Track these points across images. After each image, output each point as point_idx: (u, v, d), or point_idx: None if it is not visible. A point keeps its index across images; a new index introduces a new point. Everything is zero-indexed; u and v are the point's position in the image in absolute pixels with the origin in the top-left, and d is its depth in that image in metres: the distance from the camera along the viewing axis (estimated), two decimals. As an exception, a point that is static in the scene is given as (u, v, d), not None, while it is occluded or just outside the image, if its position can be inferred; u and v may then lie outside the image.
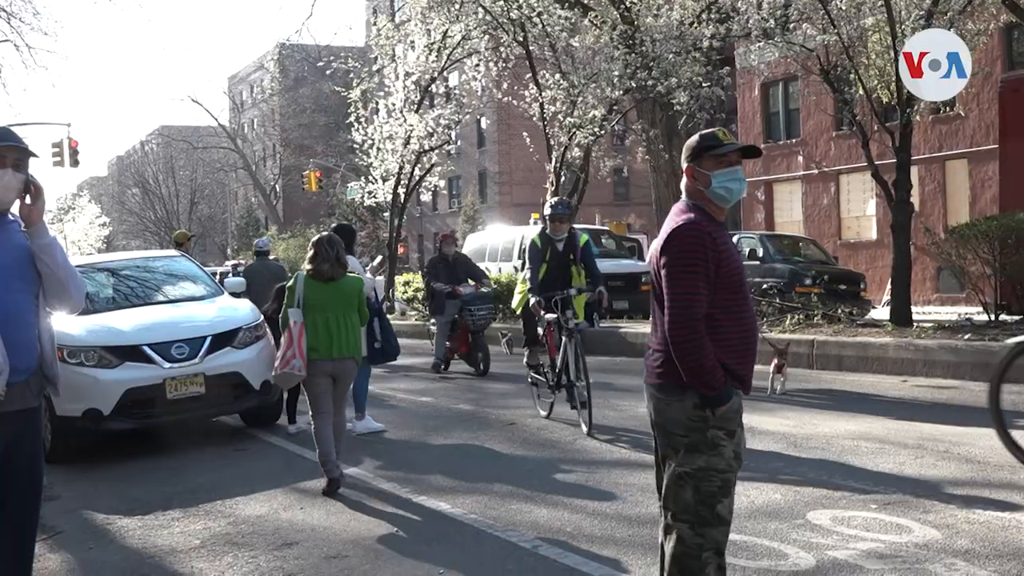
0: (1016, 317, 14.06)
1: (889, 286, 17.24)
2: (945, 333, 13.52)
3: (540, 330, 10.95)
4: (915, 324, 15.39)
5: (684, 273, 3.96)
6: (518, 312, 11.83)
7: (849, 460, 7.84)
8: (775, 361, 11.11)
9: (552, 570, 5.50)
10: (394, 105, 26.92)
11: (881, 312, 18.27)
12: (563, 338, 9.92)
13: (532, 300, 10.34)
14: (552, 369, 10.42)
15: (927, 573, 5.08)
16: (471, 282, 15.10)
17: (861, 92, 17.55)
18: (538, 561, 5.67)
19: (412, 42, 26.77)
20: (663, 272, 3.99)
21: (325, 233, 8.51)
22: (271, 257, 16.33)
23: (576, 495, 7.16)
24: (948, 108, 28.08)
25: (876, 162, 17.24)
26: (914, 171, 20.89)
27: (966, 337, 12.85)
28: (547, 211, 10.74)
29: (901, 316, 15.75)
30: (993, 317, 14.20)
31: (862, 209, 32.31)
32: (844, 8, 17.17)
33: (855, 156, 28.00)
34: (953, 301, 24.29)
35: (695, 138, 4.20)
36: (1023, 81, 15.52)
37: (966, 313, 16.59)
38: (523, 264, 13.22)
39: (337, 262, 8.06)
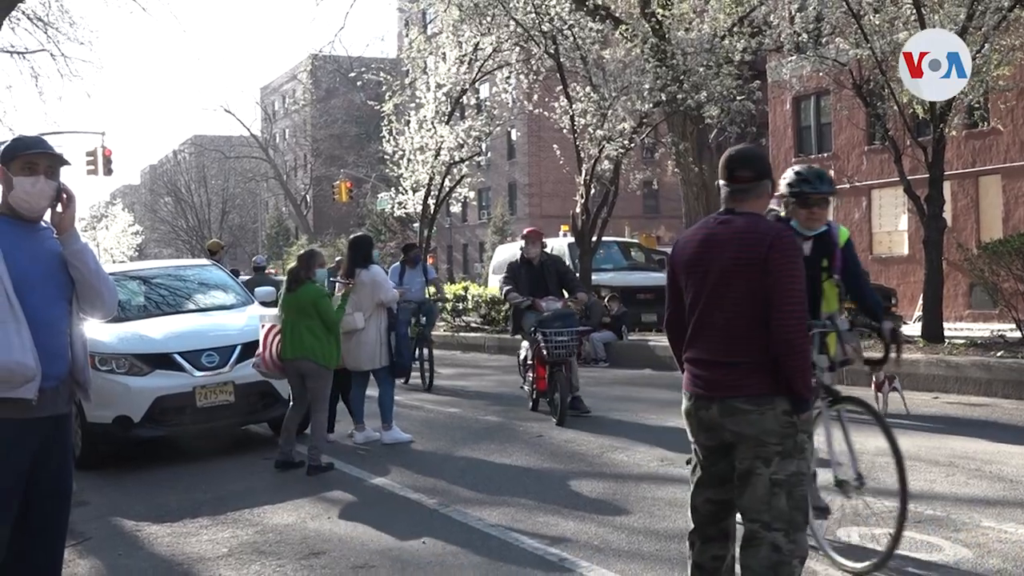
0: (1050, 335, 13.93)
1: (920, 302, 17.12)
2: (977, 350, 13.40)
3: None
4: (947, 340, 15.26)
5: (799, 274, 4.06)
6: None
7: (879, 477, 7.75)
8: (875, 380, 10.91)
9: (578, 583, 5.49)
10: (425, 116, 26.98)
11: (913, 328, 18.13)
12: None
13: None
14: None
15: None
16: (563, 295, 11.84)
17: (894, 107, 17.45)
18: (564, 573, 5.66)
19: (443, 54, 26.82)
20: (784, 273, 3.99)
21: (304, 251, 9.77)
22: (269, 271, 16.71)
23: (603, 508, 7.13)
24: (983, 123, 27.88)
25: (908, 177, 17.12)
26: (947, 186, 20.73)
27: (999, 354, 12.72)
28: (797, 187, 5.74)
29: (933, 332, 15.62)
30: (1026, 334, 14.07)
31: (894, 224, 32.09)
32: (877, 23, 17.09)
33: (887, 171, 27.83)
34: (986, 318, 24.04)
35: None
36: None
37: (999, 330, 16.42)
38: None
39: (295, 276, 9.24)
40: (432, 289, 15.70)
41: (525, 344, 11.95)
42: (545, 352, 11.00)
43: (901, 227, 31.58)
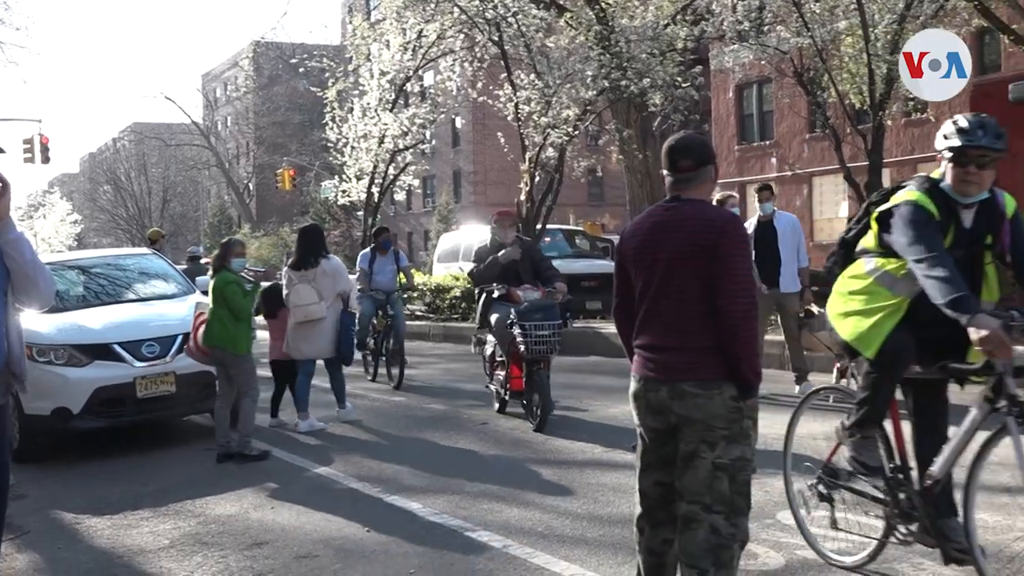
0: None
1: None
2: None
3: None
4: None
5: (747, 261, 4.12)
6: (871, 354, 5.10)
7: (820, 460, 7.86)
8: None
9: (522, 570, 5.50)
10: (369, 104, 26.82)
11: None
12: None
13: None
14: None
15: (895, 572, 5.12)
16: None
17: (834, 95, 17.66)
18: (508, 560, 5.67)
19: (387, 41, 26.66)
20: (731, 260, 4.02)
21: (224, 240, 9.82)
22: (204, 262, 16.51)
23: (547, 495, 7.16)
24: (920, 111, 28.27)
25: (848, 164, 17.36)
26: (886, 173, 21.04)
27: (936, 339, 12.93)
28: (954, 139, 4.97)
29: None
30: (963, 319, 14.30)
31: (834, 211, 32.51)
32: (818, 12, 17.28)
33: (828, 158, 28.14)
34: (923, 303, 24.42)
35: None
36: (994, 85, 15.65)
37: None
38: None
39: (213, 265, 9.40)
40: (403, 277, 14.52)
41: (492, 339, 10.58)
42: (524, 347, 9.66)
43: (842, 214, 31.98)
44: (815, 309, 11.56)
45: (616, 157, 26.08)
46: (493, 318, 10.27)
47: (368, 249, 14.60)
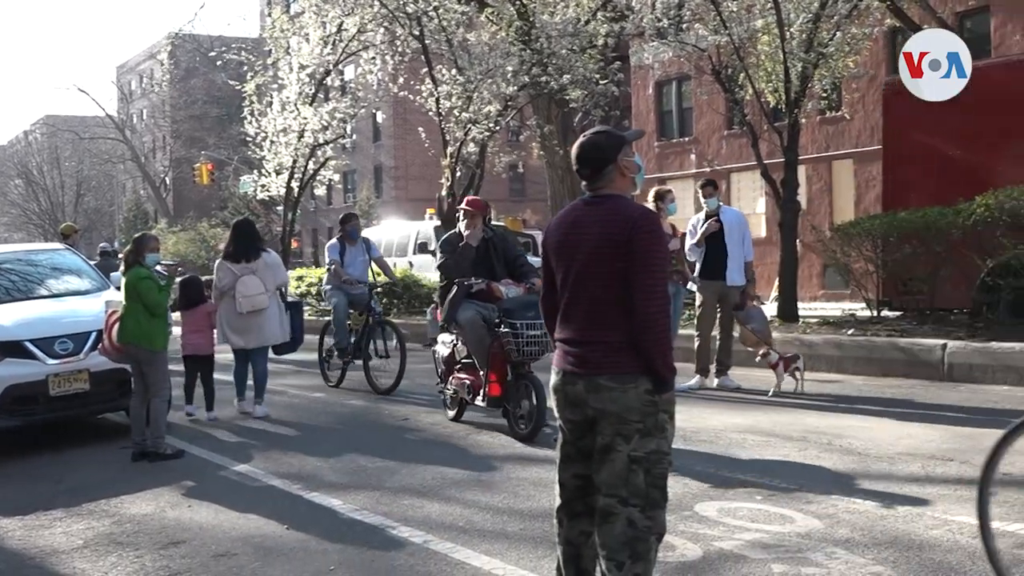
0: (897, 313, 14.51)
1: (777, 283, 17.64)
2: (830, 329, 13.90)
3: None
4: (801, 320, 15.79)
5: (662, 257, 4.16)
6: None
7: (736, 453, 8.01)
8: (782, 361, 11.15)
9: (443, 564, 5.50)
10: (288, 98, 26.58)
11: (770, 308, 18.66)
12: None
13: None
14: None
15: (809, 562, 5.21)
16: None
17: (751, 92, 17.91)
18: (429, 556, 5.66)
19: (307, 34, 26.43)
20: (643, 256, 4.05)
21: (136, 235, 9.54)
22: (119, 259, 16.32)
23: (468, 490, 7.17)
24: (834, 109, 28.78)
25: (765, 161, 17.61)
26: (801, 170, 21.40)
27: (850, 333, 13.22)
28: None
29: (788, 312, 16.14)
30: (875, 313, 14.63)
31: (752, 207, 32.92)
32: (735, 10, 17.50)
33: (745, 155, 28.52)
34: (838, 297, 24.91)
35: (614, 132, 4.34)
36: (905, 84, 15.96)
37: (850, 309, 17.04)
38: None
39: (126, 260, 9.17)
40: (377, 270, 13.27)
41: (447, 338, 9.86)
42: (515, 348, 8.84)
43: (759, 210, 32.42)
44: (753, 303, 11.81)
45: (537, 153, 26.19)
46: (464, 316, 9.18)
47: (335, 239, 13.25)
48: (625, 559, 4.04)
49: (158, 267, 9.43)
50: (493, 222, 10.30)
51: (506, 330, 8.91)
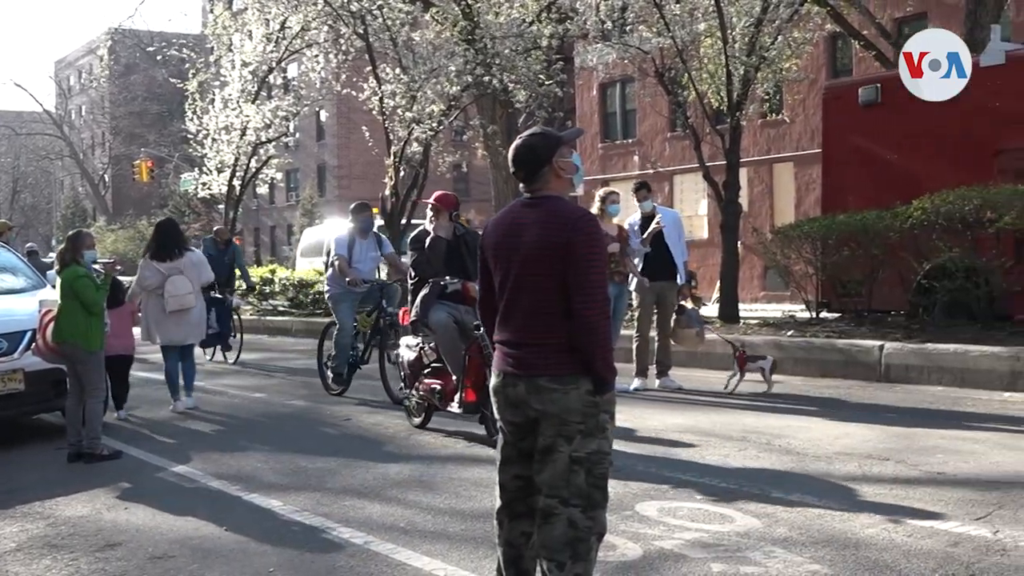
0: (836, 314, 14.70)
1: (719, 284, 17.79)
2: (770, 330, 14.06)
3: None
4: (742, 321, 15.94)
5: (601, 259, 4.17)
6: None
7: (676, 453, 8.06)
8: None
9: (383, 566, 5.48)
10: (230, 95, 26.34)
11: (711, 309, 18.83)
12: None
13: None
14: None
15: (747, 561, 5.26)
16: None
17: (693, 95, 18.05)
18: (369, 557, 5.63)
19: (250, 31, 26.21)
20: (583, 258, 4.05)
21: (71, 232, 9.42)
22: (46, 259, 16.25)
23: (410, 490, 7.14)
24: (775, 113, 29.09)
25: (707, 163, 17.76)
26: (743, 173, 21.59)
27: (789, 334, 13.37)
28: None
29: (729, 313, 16.30)
30: (815, 314, 14.81)
31: (695, 209, 33.19)
32: (678, 13, 17.63)
33: (688, 157, 28.73)
34: (779, 299, 25.19)
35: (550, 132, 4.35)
36: (845, 88, 16.18)
37: (790, 311, 17.24)
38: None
39: (61, 258, 9.00)
40: (383, 269, 12.56)
41: (412, 341, 9.42)
42: (488, 351, 7.88)
43: (701, 211, 32.69)
44: (689, 304, 11.91)
45: (481, 153, 26.19)
46: (436, 318, 8.78)
47: (344, 232, 12.00)
48: (566, 559, 4.05)
49: (95, 265, 9.30)
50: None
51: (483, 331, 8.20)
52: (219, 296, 11.98)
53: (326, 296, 12.10)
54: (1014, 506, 6.07)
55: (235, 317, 16.35)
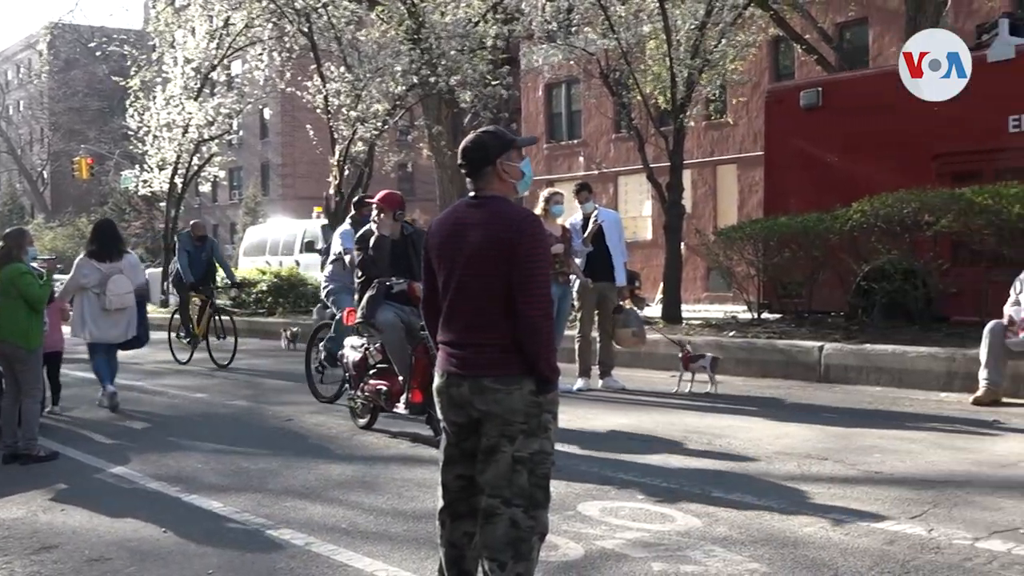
0: (777, 315, 14.86)
1: (662, 284, 17.92)
2: (712, 330, 14.18)
3: None
4: (684, 321, 16.06)
5: (545, 260, 4.17)
6: None
7: (619, 453, 8.10)
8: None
9: (324, 567, 5.44)
10: (172, 92, 26.07)
11: (654, 310, 18.95)
12: None
13: None
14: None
15: (688, 560, 5.30)
16: None
17: (638, 97, 18.16)
18: (310, 559, 5.60)
19: (192, 28, 25.98)
20: (526, 260, 4.05)
21: (12, 230, 9.33)
22: None
23: (352, 491, 7.11)
24: (719, 115, 29.36)
25: (652, 165, 17.89)
26: (687, 175, 21.79)
27: (731, 334, 13.50)
28: None
29: (672, 313, 16.41)
30: (756, 315, 14.96)
31: (639, 210, 33.41)
32: (623, 15, 17.73)
33: (633, 158, 28.93)
34: (721, 300, 25.42)
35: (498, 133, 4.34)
36: (787, 92, 16.37)
37: (732, 311, 17.40)
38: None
39: (4, 256, 8.80)
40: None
41: (358, 342, 9.38)
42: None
43: (645, 212, 32.90)
44: (627, 305, 11.97)
45: (426, 153, 26.15)
46: (383, 318, 8.69)
47: (347, 224, 11.44)
48: (508, 559, 4.05)
49: (33, 263, 9.16)
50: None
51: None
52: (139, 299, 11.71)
53: (324, 293, 11.42)
54: (948, 505, 6.18)
55: (217, 318, 15.59)
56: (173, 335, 16.53)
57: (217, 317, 15.61)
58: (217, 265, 16.28)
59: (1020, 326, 9.87)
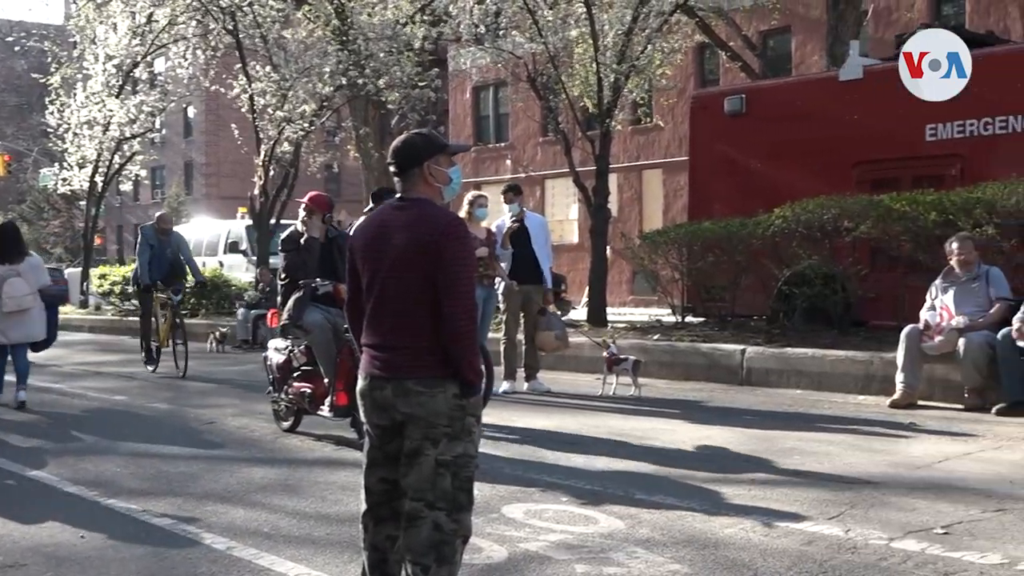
0: (700, 319, 15.02)
1: (587, 288, 18.02)
2: (637, 333, 14.29)
3: None
4: (610, 324, 16.17)
5: (470, 263, 4.18)
6: None
7: (543, 455, 8.13)
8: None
9: (246, 571, 5.39)
10: (93, 89, 25.63)
11: (580, 313, 19.06)
12: None
13: None
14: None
15: (611, 562, 5.34)
16: None
17: (565, 100, 18.25)
18: (232, 563, 5.54)
19: (115, 24, 25.56)
20: (451, 262, 4.04)
21: None
22: None
23: (275, 494, 7.05)
24: (647, 119, 29.60)
25: (578, 168, 17.99)
26: (613, 179, 21.96)
27: (655, 337, 13.62)
28: None
29: (597, 316, 16.52)
30: (680, 319, 15.10)
31: (565, 213, 33.56)
32: (551, 19, 17.81)
33: (560, 162, 29.04)
34: (646, 303, 25.62)
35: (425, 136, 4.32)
36: (711, 97, 16.58)
37: (657, 315, 17.55)
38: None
39: None
40: None
41: (281, 344, 9.32)
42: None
43: (572, 216, 33.06)
44: (551, 309, 12.01)
45: (353, 154, 26.04)
46: (311, 319, 8.70)
47: (364, 218, 11.56)
48: (431, 563, 4.05)
49: None
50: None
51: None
52: (51, 301, 11.53)
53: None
54: (865, 505, 6.30)
55: (178, 320, 14.25)
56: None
57: (178, 321, 14.32)
58: (185, 263, 15.01)
59: (935, 330, 10.10)
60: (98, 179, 26.80)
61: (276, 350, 9.34)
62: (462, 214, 10.50)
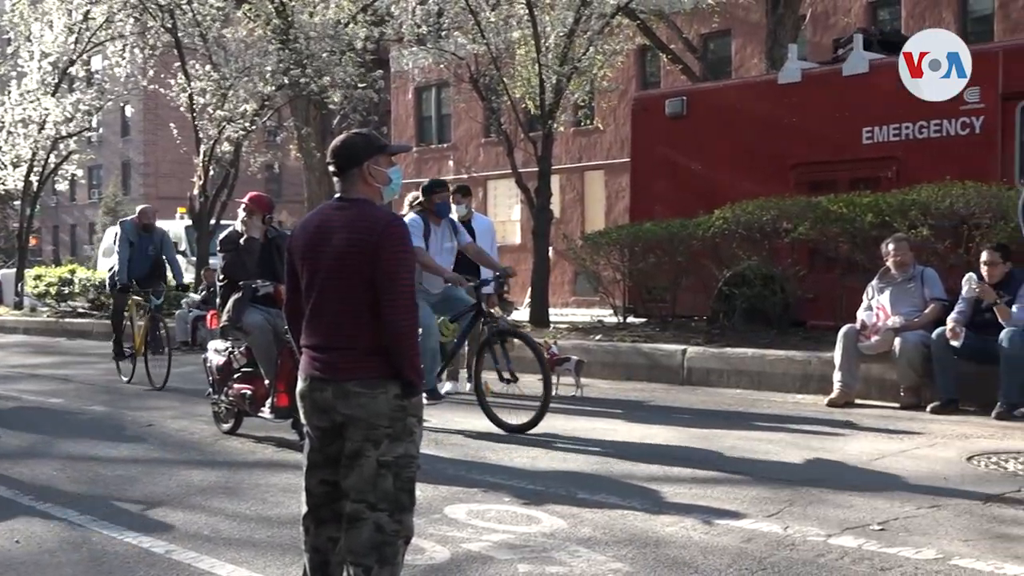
0: (642, 320, 15.11)
1: (530, 289, 18.06)
2: (579, 334, 14.35)
3: None
4: (552, 325, 16.22)
5: (410, 263, 4.17)
6: None
7: (485, 456, 8.14)
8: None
9: (185, 574, 5.34)
10: (28, 87, 25.22)
11: (522, 314, 19.08)
12: None
13: None
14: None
15: (553, 561, 5.36)
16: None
17: (508, 102, 18.29)
18: (171, 566, 5.48)
19: (50, 21, 25.16)
20: (392, 262, 4.04)
21: None
22: None
23: (215, 497, 6.98)
24: (588, 122, 29.73)
25: (520, 169, 18.02)
26: (555, 180, 21.99)
27: (597, 338, 13.69)
28: None
29: (539, 317, 16.57)
30: (621, 319, 15.19)
31: (508, 214, 33.60)
32: (493, 20, 17.84)
33: (502, 163, 29.06)
34: (588, 304, 25.71)
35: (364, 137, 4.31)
36: (652, 99, 16.68)
37: (599, 316, 17.63)
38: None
39: None
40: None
41: (221, 345, 9.22)
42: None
43: (515, 217, 33.11)
44: (497, 312, 11.99)
45: (294, 154, 25.87)
46: (251, 320, 8.60)
47: (415, 214, 10.08)
48: (373, 564, 4.04)
49: None
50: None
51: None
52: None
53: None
54: (803, 503, 6.39)
55: (161, 328, 13.07)
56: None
57: (161, 329, 13.13)
58: (168, 263, 13.75)
59: (872, 330, 10.26)
60: (33, 178, 26.40)
61: (216, 351, 9.26)
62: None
